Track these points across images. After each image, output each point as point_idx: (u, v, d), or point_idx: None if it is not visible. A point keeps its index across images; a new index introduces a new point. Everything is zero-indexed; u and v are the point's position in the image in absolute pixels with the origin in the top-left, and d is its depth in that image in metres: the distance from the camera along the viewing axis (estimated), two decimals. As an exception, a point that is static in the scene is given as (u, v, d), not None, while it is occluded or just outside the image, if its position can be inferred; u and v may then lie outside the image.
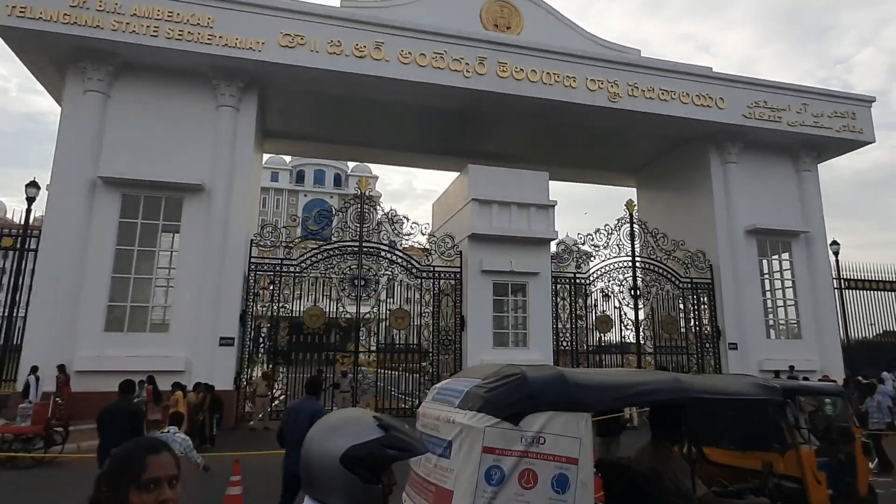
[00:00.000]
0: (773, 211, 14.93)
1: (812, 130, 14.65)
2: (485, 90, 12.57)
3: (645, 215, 17.76)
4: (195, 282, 11.07)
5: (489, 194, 12.85)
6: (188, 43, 11.06)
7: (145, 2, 10.92)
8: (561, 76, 13.00)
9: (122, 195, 11.10)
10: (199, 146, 11.60)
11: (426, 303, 12.54)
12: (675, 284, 14.11)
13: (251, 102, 12.13)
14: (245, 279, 11.60)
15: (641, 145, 16.58)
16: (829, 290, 14.95)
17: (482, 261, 12.63)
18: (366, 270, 12.24)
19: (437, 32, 12.38)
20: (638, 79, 13.51)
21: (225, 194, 11.48)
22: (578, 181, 19.63)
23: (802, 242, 15.07)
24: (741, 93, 14.22)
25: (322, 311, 11.86)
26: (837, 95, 15.07)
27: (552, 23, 14.39)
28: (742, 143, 14.85)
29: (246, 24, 11.37)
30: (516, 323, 12.90)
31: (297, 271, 11.93)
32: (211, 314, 11.00)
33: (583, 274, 13.67)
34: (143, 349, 10.62)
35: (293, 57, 11.54)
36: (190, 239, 11.28)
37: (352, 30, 11.89)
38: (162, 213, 11.34)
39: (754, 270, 14.56)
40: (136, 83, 11.56)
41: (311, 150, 16.87)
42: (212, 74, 11.69)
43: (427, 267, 12.73)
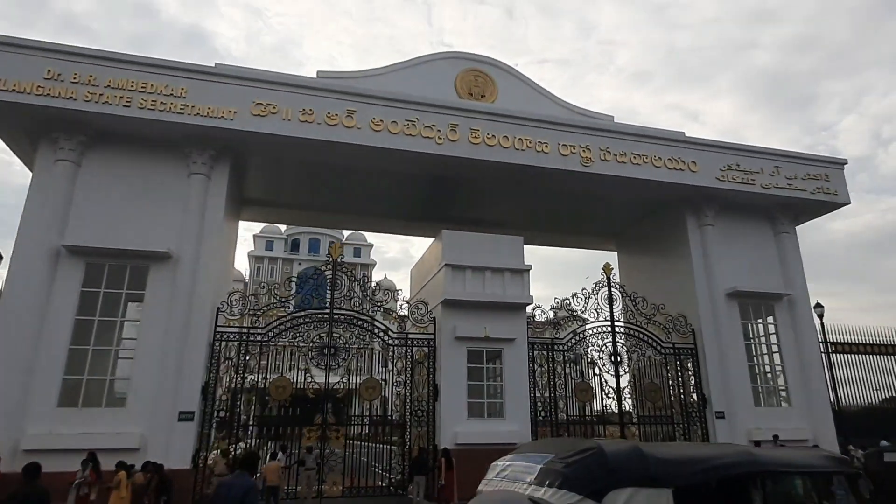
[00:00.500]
0: (753, 273, 14.78)
1: (786, 192, 14.71)
2: (457, 156, 12.63)
3: (626, 279, 17.62)
4: (156, 353, 10.69)
5: (463, 259, 12.70)
6: (161, 112, 11.15)
7: (119, 74, 11.10)
8: (533, 142, 13.12)
9: (85, 264, 10.89)
10: (168, 214, 11.51)
11: (398, 371, 12.11)
12: (656, 350, 13.74)
13: (223, 170, 12.14)
14: (210, 349, 11.23)
15: (620, 209, 16.63)
16: (816, 354, 14.58)
17: (456, 327, 12.32)
18: (336, 339, 11.89)
19: (408, 101, 12.58)
20: (610, 143, 13.65)
21: (192, 262, 11.28)
22: (559, 245, 19.57)
23: (785, 305, 14.83)
24: (713, 156, 14.36)
25: (289, 382, 11.42)
26: (809, 158, 15.24)
27: (526, 91, 14.71)
28: (718, 206, 14.87)
29: (219, 93, 11.53)
30: (492, 392, 12.43)
31: (264, 340, 11.57)
32: (170, 387, 10.55)
33: (561, 340, 13.31)
34: (97, 426, 10.10)
35: (265, 125, 11.64)
36: (153, 308, 10.98)
37: (324, 98, 12.06)
38: (126, 282, 11.09)
39: (738, 335, 14.23)
40: (108, 152, 11.59)
41: (288, 218, 16.86)
42: (184, 143, 11.75)
43: (400, 334, 12.39)
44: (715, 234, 14.79)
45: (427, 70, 14.17)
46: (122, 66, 11.15)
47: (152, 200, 11.55)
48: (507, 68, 14.82)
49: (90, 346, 10.65)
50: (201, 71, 11.56)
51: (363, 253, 70.66)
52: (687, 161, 14.10)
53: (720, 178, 14.28)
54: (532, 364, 12.88)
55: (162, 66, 11.35)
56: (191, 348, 10.89)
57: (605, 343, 13.49)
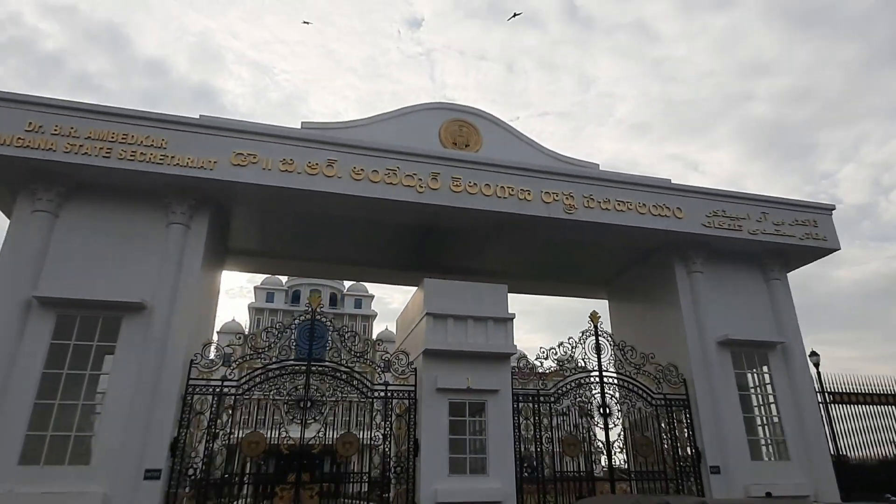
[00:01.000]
0: (745, 321, 14.46)
1: (774, 238, 14.56)
2: (439, 205, 12.58)
3: (618, 329, 17.31)
4: (124, 407, 10.34)
5: (444, 308, 12.45)
6: (140, 163, 11.17)
7: (100, 125, 11.19)
8: (515, 189, 13.09)
9: (56, 315, 10.67)
10: (144, 264, 11.38)
11: (377, 426, 11.69)
12: (647, 401, 13.29)
13: (203, 220, 12.08)
14: (181, 403, 10.88)
15: (609, 257, 16.47)
16: (813, 404, 14.08)
17: (437, 378, 11.96)
18: (313, 391, 11.54)
19: (389, 150, 12.63)
20: (594, 191, 13.61)
21: (166, 313, 11.06)
22: (550, 294, 19.31)
23: (780, 354, 14.44)
24: (699, 203, 14.29)
25: (262, 438, 11.00)
26: (796, 204, 15.15)
27: (510, 140, 14.79)
28: (706, 253, 14.70)
29: (199, 144, 11.59)
30: (475, 447, 11.95)
31: (238, 393, 11.22)
32: (137, 444, 10.14)
33: (547, 391, 12.91)
34: (59, 484, 9.65)
35: (245, 175, 11.65)
36: (124, 361, 10.70)
37: (304, 148, 12.11)
38: (97, 334, 10.86)
39: (731, 385, 13.79)
40: (87, 202, 11.57)
41: (274, 268, 16.73)
42: (164, 193, 11.74)
43: (380, 386, 12.03)
44: (704, 282, 14.56)
45: (411, 120, 14.30)
46: (104, 117, 11.26)
47: (129, 251, 11.44)
48: (491, 118, 14.96)
49: (56, 401, 10.32)
50: (182, 122, 11.66)
51: (364, 304, 70.31)
52: (672, 207, 14.02)
53: (706, 224, 14.16)
54: (517, 417, 12.43)
55: (143, 118, 11.45)
56: (160, 402, 10.54)
57: (594, 394, 13.09)
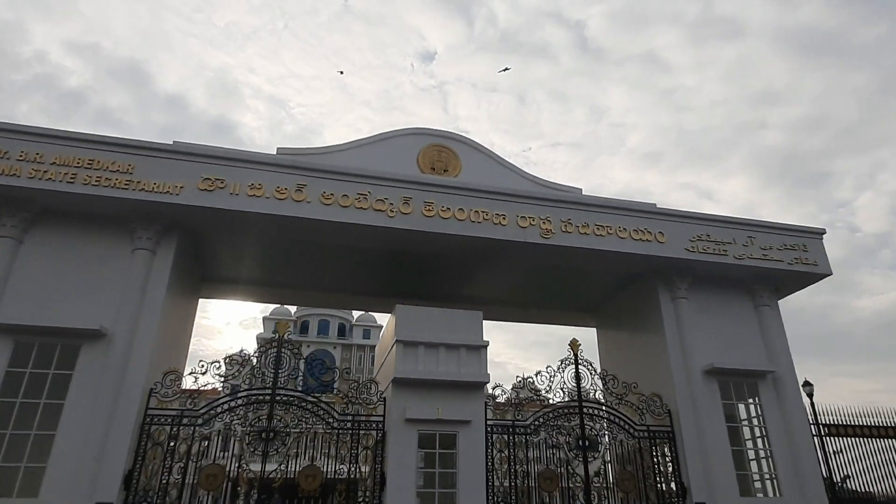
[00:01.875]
0: (733, 349, 13.93)
1: (762, 263, 14.10)
2: (410, 229, 12.34)
3: (605, 357, 16.85)
4: (79, 437, 10.05)
5: (415, 335, 12.09)
6: (104, 188, 11.09)
7: (67, 151, 11.16)
8: (490, 214, 12.83)
9: (14, 342, 10.49)
10: (107, 290, 11.20)
11: (342, 458, 11.25)
12: (629, 433, 12.72)
13: (170, 245, 11.92)
14: (139, 433, 10.55)
15: (595, 284, 16.07)
16: (807, 437, 13.41)
17: (406, 408, 11.54)
18: (277, 421, 11.17)
19: (360, 174, 12.47)
20: (572, 215, 13.31)
21: (126, 340, 10.82)
22: (537, 322, 18.85)
23: (770, 384, 13.84)
24: (682, 227, 13.92)
25: (221, 470, 10.61)
26: (784, 228, 14.71)
27: (490, 164, 14.61)
28: (692, 278, 14.26)
29: (166, 169, 11.50)
30: (445, 481, 11.44)
31: (198, 423, 10.88)
32: (89, 475, 9.80)
33: (522, 422, 12.40)
34: (3, 517, 9.35)
35: (211, 200, 11.52)
36: (80, 389, 10.43)
37: (273, 173, 11.99)
38: (55, 362, 10.63)
39: (718, 416, 13.19)
40: (52, 228, 11.48)
41: (251, 295, 16.47)
42: (130, 218, 11.62)
43: (346, 416, 11.62)
44: (689, 308, 14.09)
45: (389, 146, 14.19)
46: (71, 143, 11.23)
47: (92, 277, 11.28)
48: (470, 143, 14.82)
49: (8, 431, 10.06)
50: (150, 147, 11.60)
51: (373, 334, 69.67)
52: (654, 232, 13.66)
53: (690, 248, 13.76)
54: (491, 449, 11.93)
55: (110, 143, 11.41)
56: (115, 432, 10.22)
57: (573, 426, 12.56)
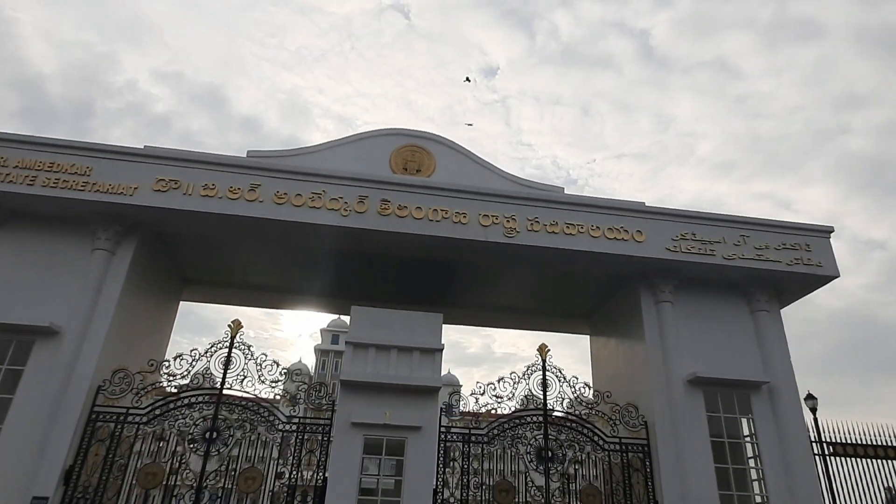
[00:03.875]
0: (723, 358, 12.77)
1: (754, 264, 12.89)
2: (365, 228, 12.05)
3: (596, 366, 15.97)
4: (23, 432, 10.22)
5: (366, 337, 11.70)
6: (62, 190, 11.41)
7: (28, 154, 11.56)
8: (450, 212, 12.36)
9: (-29, 339, 10.89)
10: (65, 289, 11.44)
11: (284, 461, 10.96)
12: (598, 445, 11.82)
13: (129, 246, 12.09)
14: (83, 430, 10.65)
15: (583, 288, 15.23)
16: (807, 456, 12.04)
17: (352, 412, 11.14)
18: (221, 421, 11.03)
19: (314, 173, 12.31)
20: (540, 213, 12.64)
21: (77, 338, 10.99)
22: (531, 329, 18.02)
23: (765, 396, 12.56)
24: (663, 225, 12.95)
25: (161, 469, 10.54)
26: (784, 226, 13.43)
27: (465, 163, 14.17)
28: (677, 280, 13.22)
29: (123, 171, 11.73)
30: (389, 489, 10.93)
31: (142, 421, 10.88)
32: (29, 469, 9.95)
33: (480, 430, 11.75)
34: (-57, 508, 9.58)
35: (165, 200, 11.63)
36: (29, 385, 10.64)
37: (226, 173, 12.01)
38: (8, 358, 10.92)
39: (702, 430, 12.06)
40: (16, 230, 11.88)
41: (229, 298, 16.57)
42: (90, 220, 11.89)
43: (292, 418, 11.35)
44: (674, 313, 13.05)
45: (363, 146, 14.01)
46: (32, 147, 11.64)
47: (52, 276, 11.57)
48: (446, 142, 14.43)
49: (-43, 423, 10.38)
50: (107, 150, 11.87)
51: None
52: (631, 230, 12.77)
53: (671, 248, 12.77)
54: (443, 458, 11.34)
55: (69, 147, 11.75)
56: (59, 428, 10.35)
57: (536, 435, 11.79)
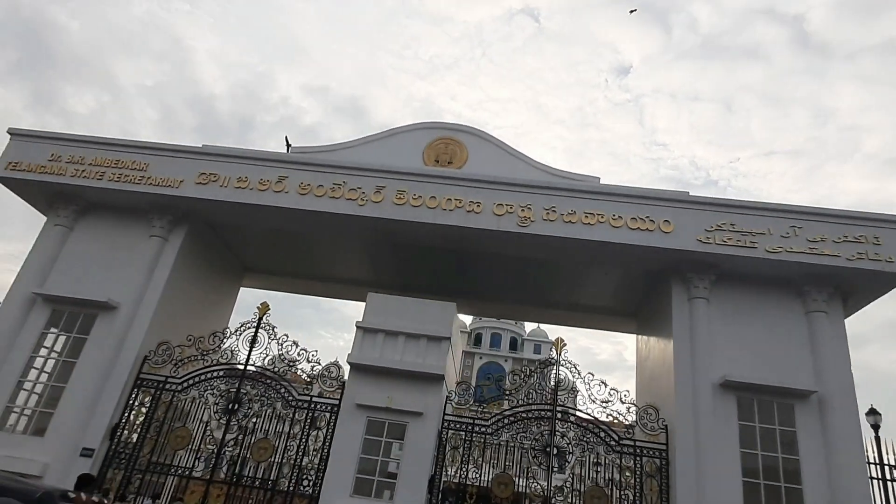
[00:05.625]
0: (764, 362, 11.48)
1: (806, 259, 11.42)
2: (379, 217, 12.44)
3: (640, 366, 15.03)
4: (81, 392, 11.88)
5: (376, 322, 12.08)
6: (123, 183, 13.07)
7: (100, 153, 13.37)
8: (463, 201, 12.37)
9: (51, 310, 12.80)
10: (125, 271, 13.07)
11: (293, 435, 11.65)
12: (609, 446, 11.18)
13: (180, 233, 13.53)
14: (129, 394, 12.11)
15: (623, 283, 14.47)
16: (861, 480, 10.45)
17: (358, 394, 11.57)
18: (242, 395, 11.99)
19: (337, 165, 12.92)
20: (557, 202, 12.22)
21: (130, 312, 12.56)
22: (577, 326, 17.32)
23: (813, 407, 11.10)
24: (696, 214, 11.92)
25: (189, 433, 11.69)
26: (846, 216, 11.73)
27: (499, 155, 14.09)
28: (714, 275, 12.11)
29: (173, 166, 13.16)
30: (386, 470, 11.19)
31: (177, 389, 12.13)
32: (82, 424, 11.57)
33: (484, 421, 11.61)
34: (18, 450, 11.40)
35: (204, 192, 12.88)
36: (91, 352, 12.33)
37: (258, 167, 13.00)
38: (77, 327, 12.72)
39: (730, 439, 10.94)
40: (93, 218, 13.80)
41: (281, 285, 17.78)
42: (148, 210, 13.48)
43: (304, 397, 12.02)
44: (709, 310, 11.96)
45: (397, 140, 14.44)
46: (102, 147, 13.45)
47: (116, 259, 13.27)
48: (479, 133, 14.45)
49: (34, 381, 12.29)
50: (160, 148, 13.40)
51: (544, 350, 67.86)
52: (657, 220, 11.91)
53: (703, 239, 11.72)
54: (444, 445, 11.39)
55: (131, 146, 13.43)
56: (109, 389, 11.91)
57: (542, 431, 11.43)
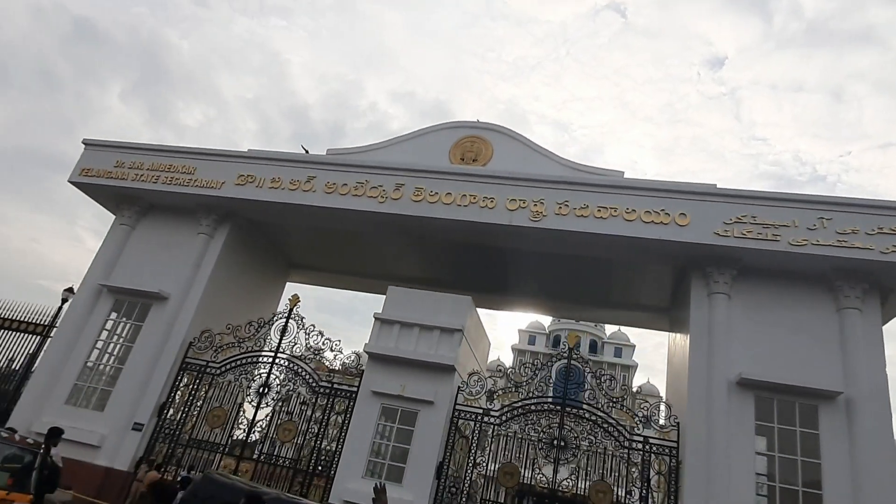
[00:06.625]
0: (787, 360, 10.94)
1: (834, 252, 10.77)
2: (398, 213, 12.97)
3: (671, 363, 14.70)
4: (136, 372, 13.27)
5: (393, 314, 12.64)
6: (174, 186, 14.44)
7: (156, 159, 14.84)
8: (478, 197, 12.67)
9: (114, 299, 14.37)
10: (176, 264, 14.42)
11: (315, 420, 12.41)
12: (617, 441, 11.08)
13: (223, 231, 14.74)
14: (175, 376, 13.38)
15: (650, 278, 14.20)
16: (892, 487, 9.77)
17: (374, 382, 12.17)
18: (272, 380, 12.92)
19: (362, 165, 13.60)
20: (570, 196, 12.24)
21: (178, 302, 13.87)
22: (609, 322, 17.07)
23: (840, 409, 10.45)
24: (713, 206, 11.54)
25: (224, 413, 12.75)
26: (879, 206, 10.92)
27: (524, 152, 14.24)
28: (735, 270, 11.67)
29: (216, 169, 14.37)
30: (396, 454, 11.69)
31: (217, 372, 13.25)
32: (135, 401, 12.95)
33: (496, 411, 11.83)
34: (80, 422, 12.93)
35: (242, 192, 13.97)
36: (146, 336, 13.74)
37: (289, 168, 13.93)
38: (135, 315, 14.19)
39: (746, 440, 10.52)
40: (151, 218, 15.34)
41: (326, 281, 18.72)
42: (196, 209, 14.79)
43: (326, 383, 12.75)
44: (730, 306, 11.55)
45: (426, 140, 14.92)
46: (157, 153, 14.91)
47: (169, 254, 14.65)
48: (504, 131, 14.66)
49: (97, 362, 13.85)
50: (205, 153, 14.66)
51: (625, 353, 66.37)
52: (673, 213, 11.65)
53: (721, 232, 11.33)
54: (454, 433, 11.73)
55: (181, 151, 14.80)
56: (159, 371, 13.23)
57: (551, 423, 11.50)
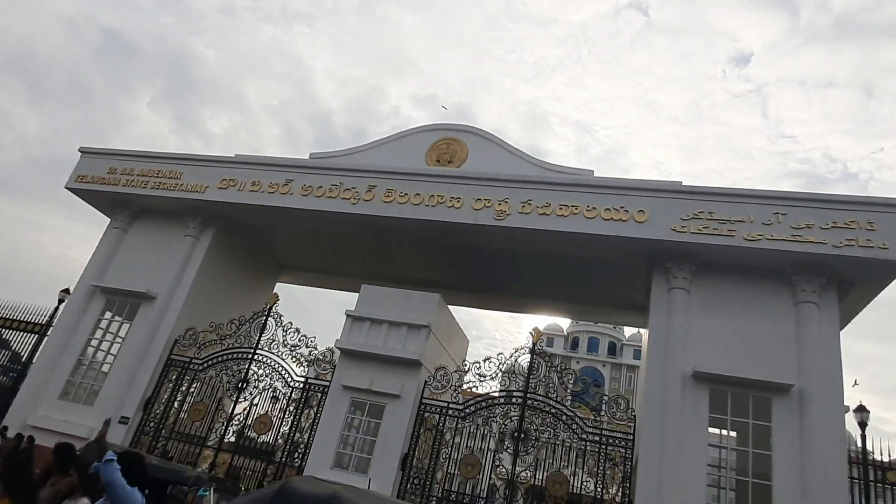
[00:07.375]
0: (742, 354, 11.08)
1: (787, 246, 10.88)
2: (369, 215, 13.42)
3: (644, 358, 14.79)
4: (123, 368, 13.95)
5: (364, 311, 13.08)
6: (163, 190, 15.11)
7: (146, 165, 15.53)
8: (445, 197, 13.04)
9: (106, 299, 15.09)
10: (165, 265, 15.07)
11: (289, 412, 12.91)
12: (575, 434, 11.34)
13: (209, 233, 15.37)
14: (160, 371, 14.01)
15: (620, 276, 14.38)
16: (839, 480, 9.84)
17: (344, 376, 12.62)
18: (250, 375, 13.46)
19: (336, 168, 14.09)
20: (533, 195, 12.54)
21: (165, 301, 14.52)
22: (589, 319, 17.23)
23: (792, 402, 10.55)
24: (669, 203, 11.74)
25: (205, 407, 13.33)
26: (835, 200, 11.01)
27: (498, 153, 14.56)
28: (695, 266, 11.85)
29: (200, 173, 14.99)
30: (363, 446, 12.11)
31: (199, 369, 13.84)
32: (122, 395, 13.60)
33: (458, 405, 12.18)
34: (71, 415, 13.65)
35: (224, 195, 14.56)
36: (133, 335, 14.41)
37: (268, 171, 14.49)
38: (125, 313, 14.89)
39: (698, 432, 10.69)
40: (143, 222, 16.03)
41: (318, 282, 19.26)
42: (182, 212, 15.44)
43: (300, 378, 13.25)
44: (689, 301, 11.73)
45: (404, 142, 15.36)
46: (147, 159, 15.60)
47: (159, 256, 15.30)
48: (480, 133, 15.01)
49: (89, 358, 14.57)
50: (192, 158, 15.33)
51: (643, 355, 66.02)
52: (632, 210, 11.87)
53: (679, 228, 11.52)
54: (419, 427, 12.11)
55: (167, 157, 15.48)
56: (144, 367, 13.87)
57: (512, 417, 11.80)
